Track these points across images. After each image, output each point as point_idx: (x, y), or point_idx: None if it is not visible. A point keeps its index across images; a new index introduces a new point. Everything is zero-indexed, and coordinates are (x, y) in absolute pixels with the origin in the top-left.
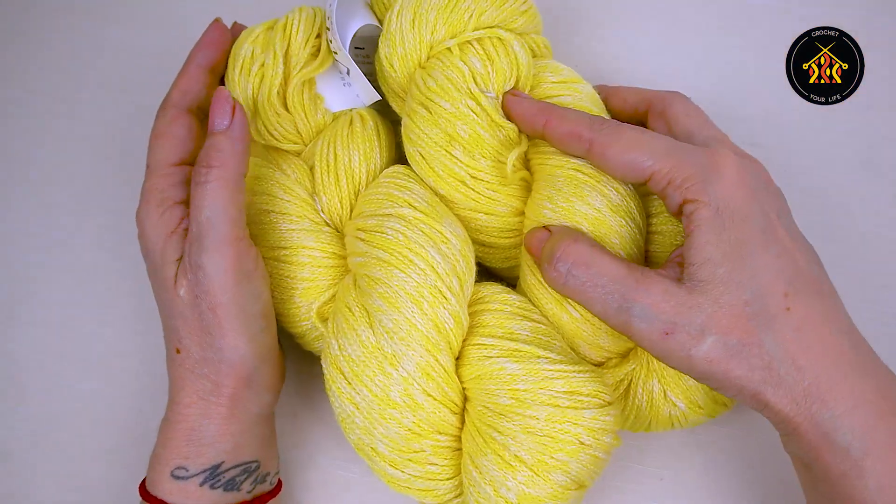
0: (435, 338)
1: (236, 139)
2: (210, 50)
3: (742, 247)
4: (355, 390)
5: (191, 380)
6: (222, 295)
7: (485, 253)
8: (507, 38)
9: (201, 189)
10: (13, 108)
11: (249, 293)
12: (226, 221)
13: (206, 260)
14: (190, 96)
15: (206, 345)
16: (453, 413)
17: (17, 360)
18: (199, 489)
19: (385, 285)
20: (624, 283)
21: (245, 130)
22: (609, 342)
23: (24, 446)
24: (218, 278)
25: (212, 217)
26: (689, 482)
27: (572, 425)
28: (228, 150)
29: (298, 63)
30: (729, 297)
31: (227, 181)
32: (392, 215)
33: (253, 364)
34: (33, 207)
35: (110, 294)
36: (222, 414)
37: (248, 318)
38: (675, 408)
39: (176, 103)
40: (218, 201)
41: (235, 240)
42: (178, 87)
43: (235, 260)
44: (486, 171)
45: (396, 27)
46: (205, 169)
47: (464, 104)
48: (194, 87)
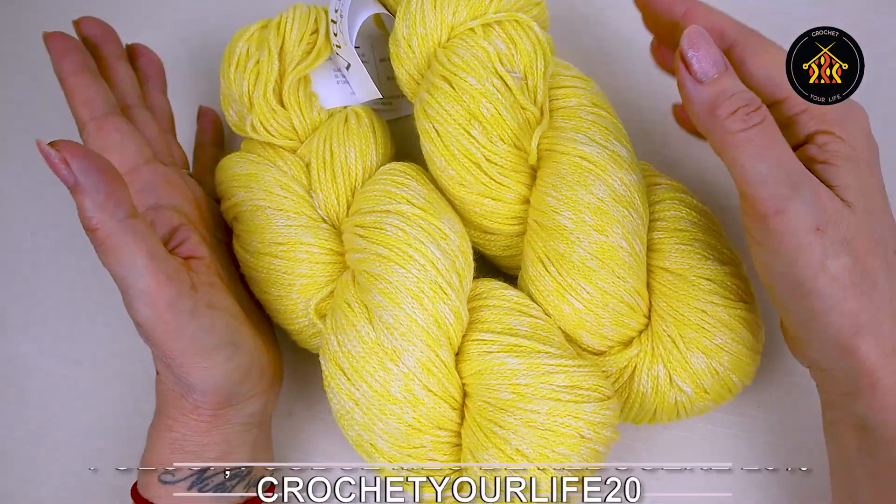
0: (435, 333)
1: (92, 191)
2: (71, 55)
3: (873, 193)
4: (355, 386)
5: (172, 398)
6: (170, 343)
7: (485, 240)
8: (526, 22)
9: (99, 254)
10: (13, 108)
11: (199, 332)
12: (140, 276)
13: (139, 318)
14: (95, 103)
15: (176, 377)
16: (453, 409)
17: (16, 360)
18: (187, 493)
19: (385, 281)
20: (798, 165)
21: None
22: (612, 331)
23: (23, 446)
24: (159, 331)
25: (126, 277)
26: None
27: (573, 419)
28: (91, 205)
29: (293, 60)
30: (865, 228)
31: (112, 237)
32: (391, 212)
33: (228, 387)
34: (32, 207)
35: (109, 294)
36: (204, 429)
37: (206, 353)
38: (681, 393)
39: (91, 116)
40: (120, 261)
41: (158, 288)
42: (77, 103)
43: (168, 308)
44: (500, 155)
45: (417, 7)
46: (88, 233)
47: (489, 82)
48: (90, 92)
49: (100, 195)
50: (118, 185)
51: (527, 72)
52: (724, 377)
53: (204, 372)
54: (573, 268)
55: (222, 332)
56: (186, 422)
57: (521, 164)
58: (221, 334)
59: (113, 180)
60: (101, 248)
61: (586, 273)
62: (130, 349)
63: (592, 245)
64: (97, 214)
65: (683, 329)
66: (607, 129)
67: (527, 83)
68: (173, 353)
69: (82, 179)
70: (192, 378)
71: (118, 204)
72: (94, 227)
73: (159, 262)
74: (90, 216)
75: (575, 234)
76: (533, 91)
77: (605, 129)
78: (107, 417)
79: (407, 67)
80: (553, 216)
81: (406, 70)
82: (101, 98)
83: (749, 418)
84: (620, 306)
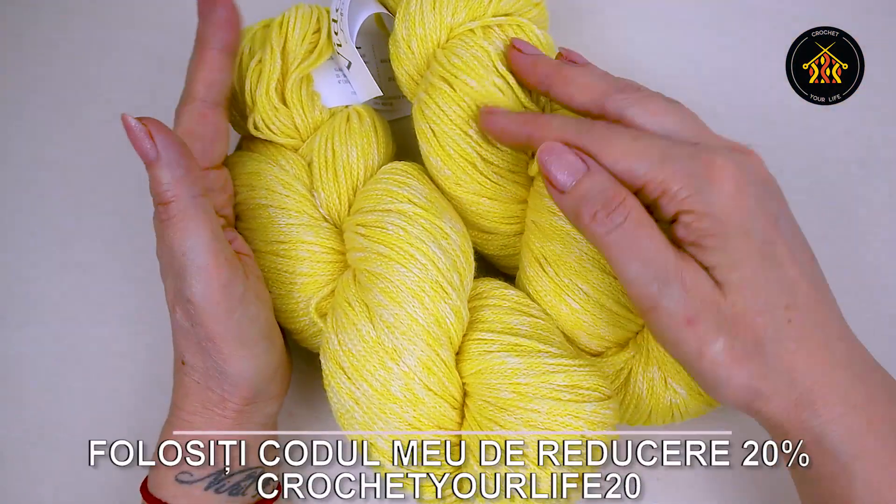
0: (436, 332)
1: (173, 165)
2: (225, 31)
3: (747, 260)
4: (355, 385)
5: (196, 390)
6: (216, 326)
7: (483, 240)
8: (527, 25)
9: (165, 228)
10: (13, 108)
11: (245, 318)
12: (202, 253)
13: (193, 294)
14: (216, 88)
15: (210, 366)
16: (454, 408)
17: (16, 359)
18: (203, 493)
19: (386, 280)
20: (667, 258)
21: (176, 148)
22: (609, 332)
23: (23, 445)
24: (209, 311)
25: (187, 252)
26: (685, 482)
27: (574, 419)
28: (170, 179)
29: (296, 59)
30: (741, 304)
31: (185, 212)
32: (392, 211)
33: (259, 384)
34: (33, 207)
35: (109, 294)
36: (226, 425)
37: (248, 342)
38: (676, 395)
39: (203, 97)
40: (186, 235)
41: (217, 267)
42: (201, 79)
43: (222, 289)
44: (497, 155)
45: (416, 8)
46: (160, 206)
47: (490, 82)
48: (218, 76)
49: (180, 169)
50: (195, 165)
51: None
52: None
53: (241, 362)
54: (570, 269)
55: (264, 324)
56: (209, 416)
57: (519, 165)
58: (263, 327)
59: (191, 158)
60: (171, 220)
61: (583, 274)
62: (131, 349)
63: (590, 246)
64: (174, 188)
65: None
66: None
67: None
68: (217, 336)
69: (164, 153)
70: (229, 366)
71: (194, 181)
72: (169, 199)
73: (221, 244)
74: (166, 190)
75: (572, 235)
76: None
77: None
78: (107, 417)
79: (406, 68)
80: (550, 217)
81: (405, 71)
82: (223, 87)
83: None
84: (617, 307)
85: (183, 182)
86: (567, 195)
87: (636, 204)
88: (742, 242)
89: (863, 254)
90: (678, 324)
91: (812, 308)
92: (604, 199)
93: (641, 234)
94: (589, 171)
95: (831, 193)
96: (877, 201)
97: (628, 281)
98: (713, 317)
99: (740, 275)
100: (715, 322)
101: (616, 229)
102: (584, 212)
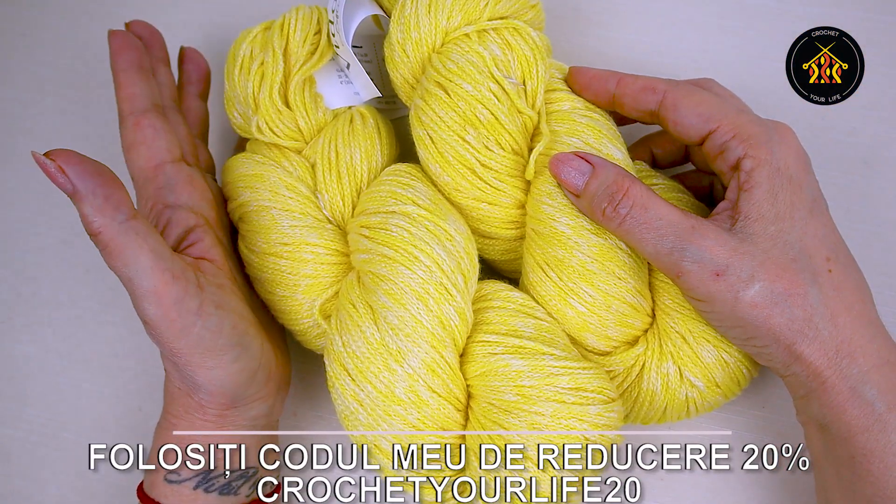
0: (440, 334)
1: (90, 195)
2: (127, 52)
3: (794, 210)
4: (359, 387)
5: (178, 395)
6: (176, 342)
7: (484, 244)
8: (523, 28)
9: (104, 257)
10: (14, 108)
11: (206, 331)
12: (146, 277)
13: (147, 316)
14: (138, 99)
15: (182, 376)
16: (457, 410)
17: (18, 359)
18: (192, 492)
19: (390, 282)
20: (679, 227)
21: (90, 178)
22: (616, 331)
23: (26, 445)
24: (166, 330)
25: (132, 278)
26: (688, 482)
27: (578, 421)
28: (91, 210)
29: (298, 61)
30: (776, 252)
31: (115, 240)
32: (396, 213)
33: (234, 390)
34: (35, 207)
35: (110, 294)
36: (209, 428)
37: (214, 352)
38: (692, 388)
39: (130, 111)
40: (125, 263)
41: (165, 285)
42: (122, 98)
43: (175, 306)
44: (496, 160)
45: (412, 12)
46: (91, 238)
47: (486, 87)
48: (136, 89)
49: (98, 199)
50: (116, 188)
51: (525, 76)
52: (735, 368)
53: (209, 371)
54: (573, 272)
55: (229, 333)
56: (192, 420)
57: (518, 169)
58: (228, 335)
59: (110, 183)
60: (105, 251)
61: (587, 276)
62: (134, 349)
63: (591, 248)
64: (98, 218)
65: (691, 323)
66: (601, 131)
67: (525, 88)
68: (180, 351)
69: (79, 185)
70: (198, 377)
71: (117, 206)
72: (96, 231)
73: (164, 261)
74: (91, 221)
75: (573, 239)
76: (532, 96)
77: (598, 132)
78: (110, 417)
79: (402, 72)
80: (550, 224)
81: (401, 74)
82: (145, 95)
83: (751, 418)
84: (623, 307)
85: (104, 211)
86: (581, 199)
87: (640, 188)
88: (793, 195)
89: (863, 253)
90: (707, 280)
91: (850, 266)
92: (609, 194)
93: (649, 214)
94: (594, 170)
95: (832, 193)
96: (877, 201)
97: (650, 257)
98: (744, 265)
99: (785, 224)
100: (748, 269)
101: (626, 218)
102: (596, 210)
